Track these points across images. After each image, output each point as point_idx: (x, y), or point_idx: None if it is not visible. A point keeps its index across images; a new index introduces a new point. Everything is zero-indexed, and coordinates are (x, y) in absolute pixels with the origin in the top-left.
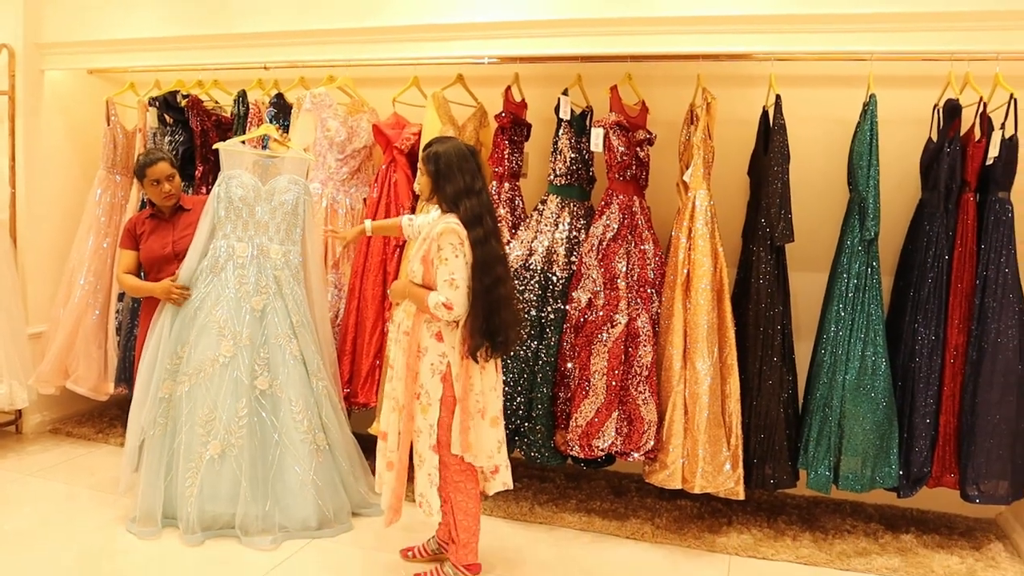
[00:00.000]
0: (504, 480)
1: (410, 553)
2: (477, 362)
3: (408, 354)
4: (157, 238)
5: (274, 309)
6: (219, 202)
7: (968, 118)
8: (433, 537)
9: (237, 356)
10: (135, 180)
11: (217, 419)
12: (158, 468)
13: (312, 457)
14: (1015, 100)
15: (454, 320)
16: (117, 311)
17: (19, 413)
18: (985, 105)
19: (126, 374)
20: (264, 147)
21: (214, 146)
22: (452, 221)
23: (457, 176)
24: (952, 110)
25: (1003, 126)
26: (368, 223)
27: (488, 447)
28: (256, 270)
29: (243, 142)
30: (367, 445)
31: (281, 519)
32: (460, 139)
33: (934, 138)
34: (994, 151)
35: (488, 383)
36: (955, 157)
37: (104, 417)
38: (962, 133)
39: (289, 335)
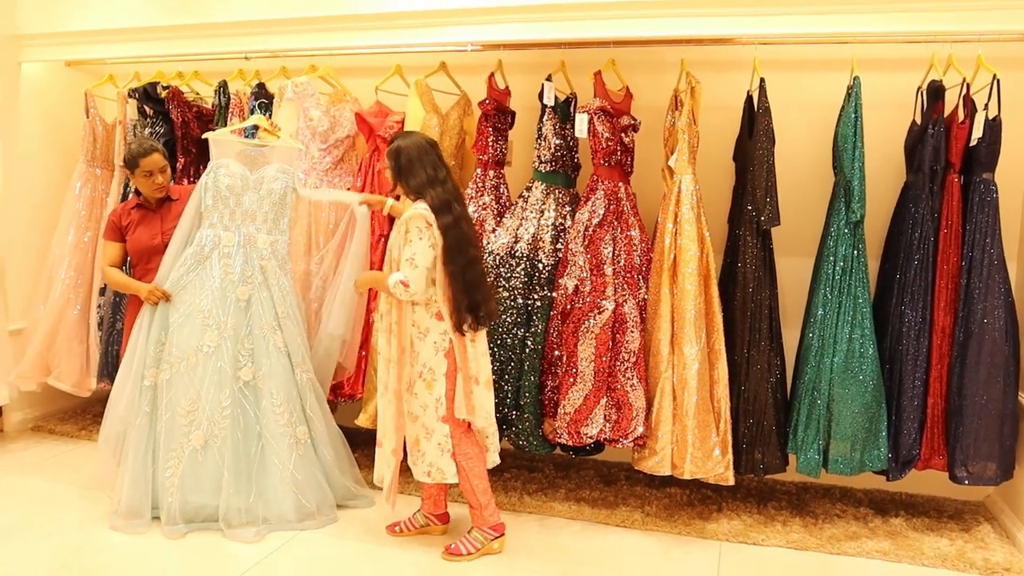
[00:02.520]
0: (493, 459)
1: (397, 528)
2: (464, 335)
3: (400, 337)
4: (145, 229)
5: (259, 299)
6: (206, 191)
7: (952, 100)
8: (419, 511)
9: (221, 346)
10: (125, 171)
11: (200, 409)
12: (144, 458)
13: (292, 451)
14: (998, 81)
15: (410, 299)
16: (99, 306)
17: (0, 411)
18: (968, 86)
19: (109, 369)
20: (249, 135)
21: (203, 135)
22: (421, 207)
23: (419, 169)
24: (935, 92)
25: (986, 107)
26: (390, 201)
27: (486, 408)
28: (242, 259)
29: (233, 132)
30: (353, 438)
31: (264, 512)
32: (418, 133)
33: (918, 120)
34: (978, 132)
35: (480, 350)
36: (939, 139)
37: (87, 414)
38: (946, 115)
39: (274, 326)
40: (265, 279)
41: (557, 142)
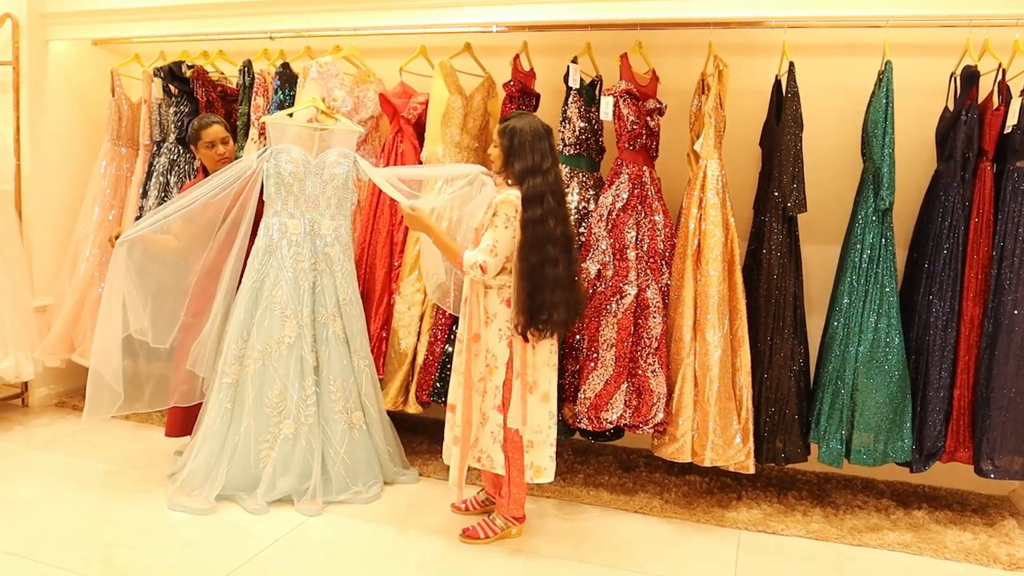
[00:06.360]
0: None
1: (462, 506)
2: (527, 340)
3: (471, 321)
4: None
5: (323, 286)
6: (267, 177)
7: (986, 86)
8: (482, 489)
9: (301, 336)
10: (190, 146)
11: (288, 399)
12: (220, 456)
13: (345, 436)
14: None
15: (481, 281)
16: None
17: (25, 386)
18: (1004, 72)
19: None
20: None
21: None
22: (513, 194)
23: (528, 154)
24: (969, 77)
25: (1022, 93)
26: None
27: (536, 421)
28: (310, 247)
29: (290, 115)
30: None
31: (324, 488)
32: (535, 116)
33: (950, 107)
34: (1013, 119)
35: (541, 358)
36: (972, 126)
37: None
38: (980, 101)
39: (334, 314)
40: (330, 266)
41: (582, 125)
